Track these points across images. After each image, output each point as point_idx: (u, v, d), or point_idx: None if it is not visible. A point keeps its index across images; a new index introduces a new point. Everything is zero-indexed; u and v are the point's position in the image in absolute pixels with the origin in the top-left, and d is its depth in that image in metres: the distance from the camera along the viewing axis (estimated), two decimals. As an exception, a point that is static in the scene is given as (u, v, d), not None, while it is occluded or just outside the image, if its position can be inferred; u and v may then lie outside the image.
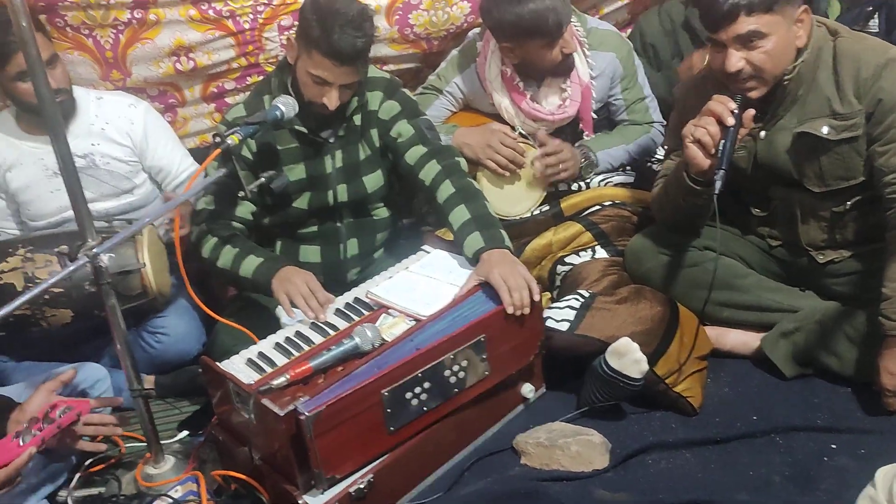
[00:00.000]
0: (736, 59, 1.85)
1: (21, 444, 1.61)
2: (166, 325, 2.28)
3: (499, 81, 2.44)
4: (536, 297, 1.90)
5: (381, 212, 2.35)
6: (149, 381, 2.29)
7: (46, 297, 2.01)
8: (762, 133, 2.01)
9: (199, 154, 2.58)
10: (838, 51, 1.92)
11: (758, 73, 1.88)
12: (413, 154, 2.19)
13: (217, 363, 1.81)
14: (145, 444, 1.92)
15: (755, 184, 2.10)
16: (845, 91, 1.90)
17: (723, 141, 1.88)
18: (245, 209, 2.19)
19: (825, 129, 1.93)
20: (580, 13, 2.53)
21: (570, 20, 2.32)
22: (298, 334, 1.93)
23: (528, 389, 2.02)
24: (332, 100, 2.05)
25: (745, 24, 1.82)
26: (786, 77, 1.92)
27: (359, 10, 2.01)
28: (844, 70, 1.90)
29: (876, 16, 2.67)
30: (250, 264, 2.08)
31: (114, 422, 1.88)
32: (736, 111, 1.87)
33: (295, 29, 2.48)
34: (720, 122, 1.88)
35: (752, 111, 1.90)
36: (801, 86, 1.95)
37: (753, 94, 1.90)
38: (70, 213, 2.26)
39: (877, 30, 2.67)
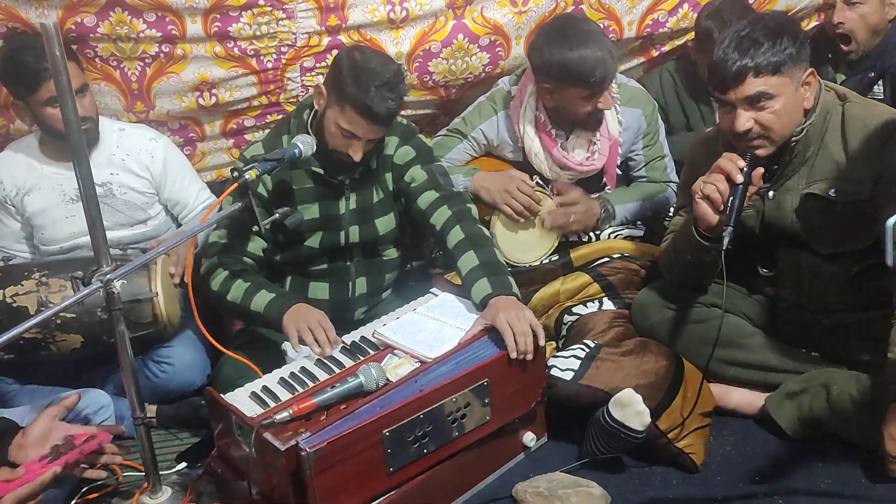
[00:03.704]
0: (745, 120, 1.89)
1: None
2: (172, 354, 2.29)
3: (533, 127, 2.48)
4: (542, 343, 1.91)
5: (391, 253, 2.37)
6: (151, 410, 2.28)
7: (58, 321, 2.03)
8: (770, 193, 2.04)
9: (214, 188, 2.63)
10: (847, 115, 1.95)
11: (766, 133, 1.91)
12: (425, 199, 2.21)
13: (221, 395, 1.81)
14: (143, 473, 1.91)
15: (762, 243, 2.11)
16: (853, 155, 1.93)
17: (731, 198, 1.90)
18: (257, 245, 2.21)
19: (832, 192, 1.95)
20: None
21: (615, 77, 2.35)
22: (303, 370, 1.94)
23: (529, 438, 2.01)
24: (357, 152, 2.09)
25: (753, 85, 1.86)
26: (794, 138, 1.95)
27: (395, 71, 2.05)
28: (853, 134, 1.93)
29: (880, 83, 2.72)
30: (262, 299, 2.09)
31: (114, 450, 1.88)
32: (745, 169, 1.90)
33: (318, 71, 2.57)
34: (729, 180, 1.90)
35: (760, 169, 1.92)
36: (810, 147, 1.97)
37: (761, 153, 1.93)
38: (82, 239, 2.32)
39: (882, 97, 2.71)
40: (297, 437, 1.64)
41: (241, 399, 1.84)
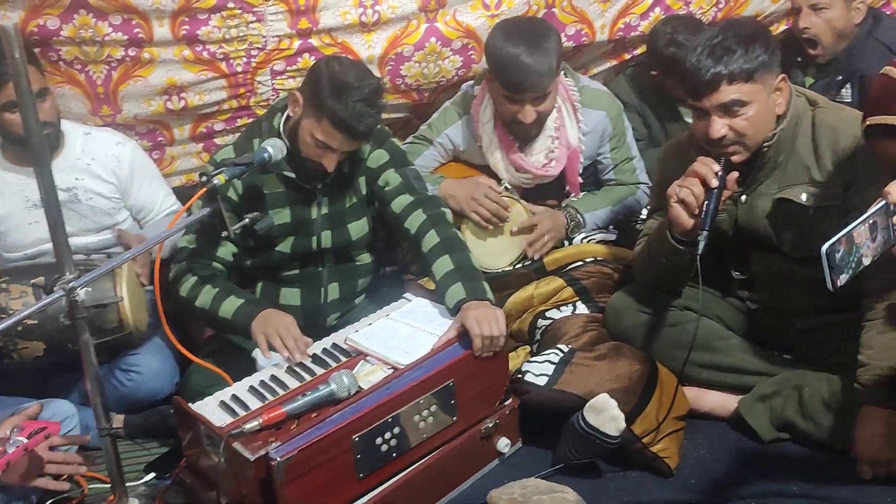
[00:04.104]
0: (719, 126, 1.89)
1: None
2: (139, 362, 2.24)
3: (491, 125, 2.47)
4: (500, 343, 1.91)
5: (364, 258, 2.35)
6: (118, 419, 2.23)
7: (20, 328, 1.98)
8: (743, 197, 2.04)
9: (184, 193, 2.58)
10: (817, 120, 1.97)
11: (740, 140, 1.91)
12: (399, 203, 2.20)
13: (189, 404, 1.78)
14: (109, 485, 1.87)
15: (736, 247, 2.12)
16: (824, 160, 1.94)
17: (706, 202, 1.91)
18: (227, 250, 2.18)
19: (804, 197, 1.96)
20: (573, 72, 2.59)
21: (543, 91, 2.33)
22: (274, 378, 1.91)
23: (503, 444, 2.00)
24: (331, 163, 2.07)
25: (727, 92, 1.86)
26: (766, 144, 1.96)
27: (373, 86, 2.02)
28: (823, 139, 1.95)
29: (847, 86, 2.75)
30: (231, 305, 2.06)
31: (79, 460, 1.83)
32: (720, 173, 1.90)
33: (289, 74, 2.54)
34: (704, 184, 1.91)
35: (735, 174, 1.93)
36: (781, 153, 1.99)
37: (736, 159, 1.94)
38: (47, 246, 2.26)
39: (850, 100, 2.74)
40: (267, 447, 1.61)
41: (209, 408, 1.80)
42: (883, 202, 1.49)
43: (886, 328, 1.87)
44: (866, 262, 1.48)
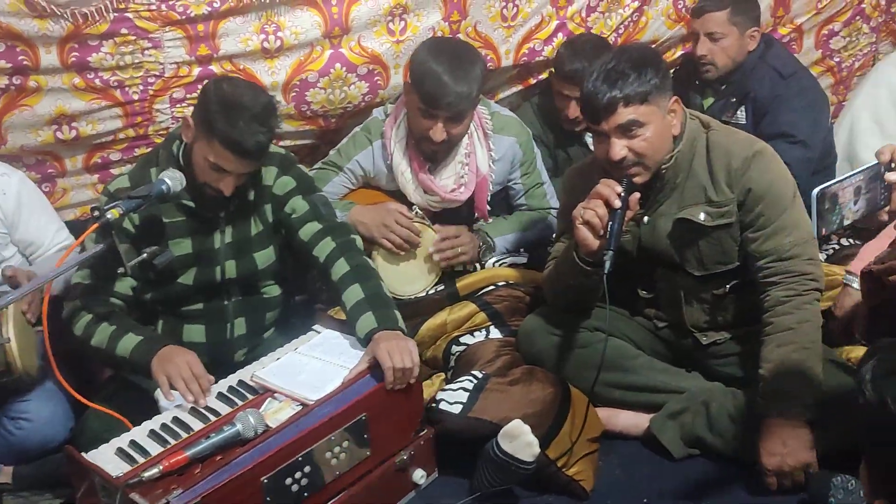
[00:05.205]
0: (619, 148, 1.93)
1: None
2: (29, 409, 2.11)
3: (402, 144, 2.45)
4: (415, 373, 1.88)
5: (272, 290, 2.28)
6: (7, 472, 2.10)
7: None
8: (645, 218, 2.09)
9: (79, 227, 2.45)
10: (711, 142, 2.04)
11: (640, 160, 1.96)
12: (307, 230, 2.15)
13: (83, 453, 1.68)
14: (-4, 544, 1.75)
15: (640, 266, 2.16)
16: (718, 180, 2.01)
17: (610, 223, 1.93)
18: (125, 284, 2.08)
19: (702, 216, 2.02)
20: (485, 98, 2.60)
21: (459, 115, 2.33)
22: (176, 420, 1.82)
23: (419, 475, 1.96)
24: (228, 186, 2.00)
25: (624, 114, 1.91)
26: (664, 165, 2.01)
27: (264, 104, 1.97)
28: (717, 161, 2.01)
29: (742, 108, 2.87)
30: (128, 343, 1.96)
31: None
32: (622, 194, 1.94)
33: (189, 102, 2.47)
34: (608, 205, 1.94)
35: (637, 194, 1.97)
36: (679, 174, 2.04)
37: (637, 180, 1.98)
38: (-72, 286, 2.12)
39: (745, 121, 2.86)
40: (168, 495, 1.53)
41: (105, 456, 1.70)
42: (874, 163, 1.52)
43: (784, 342, 1.93)
44: (846, 223, 1.53)
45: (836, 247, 2.78)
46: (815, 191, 1.45)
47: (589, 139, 2.77)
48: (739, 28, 2.80)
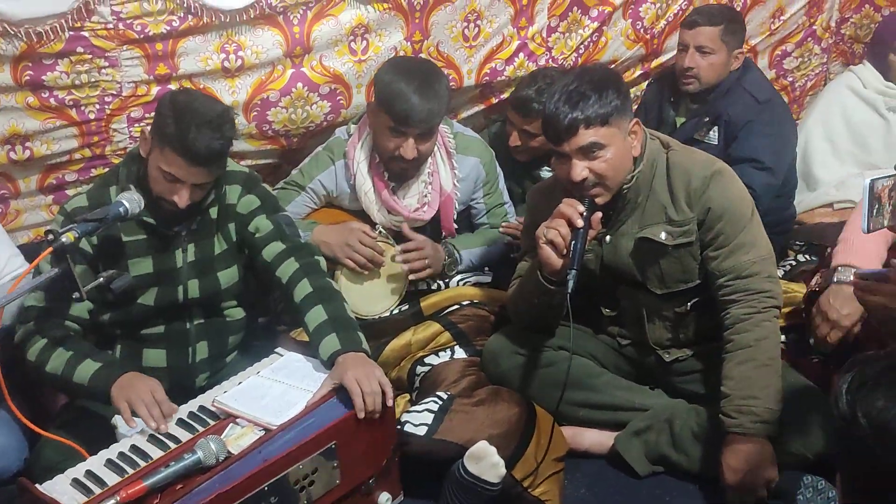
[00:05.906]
0: (580, 169, 1.95)
1: None
2: (-20, 440, 2.04)
3: (366, 165, 2.44)
4: (389, 403, 1.85)
5: (235, 312, 2.24)
6: (-43, 505, 2.03)
7: None
8: (607, 237, 2.11)
9: (32, 249, 2.38)
10: (671, 162, 2.06)
11: (601, 181, 1.98)
12: (271, 250, 2.12)
13: (37, 485, 1.62)
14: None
15: (603, 285, 2.18)
16: (678, 200, 2.04)
17: (573, 242, 1.95)
18: (81, 307, 2.02)
19: (663, 235, 2.04)
20: (447, 118, 2.61)
21: (428, 131, 2.34)
22: (134, 448, 1.77)
23: (384, 498, 1.94)
24: (182, 198, 1.96)
25: (585, 136, 1.93)
26: (626, 185, 2.04)
27: (220, 111, 1.95)
28: (676, 180, 2.04)
29: (715, 129, 2.91)
30: (87, 369, 1.91)
31: None
32: (584, 213, 1.95)
33: (147, 122, 2.43)
34: (570, 224, 1.95)
35: (599, 213, 1.99)
36: (640, 193, 2.06)
37: (599, 200, 2.00)
38: None
39: (716, 142, 2.89)
40: (126, 527, 1.49)
41: (61, 487, 1.65)
42: None
43: (744, 359, 1.96)
44: (885, 223, 1.50)
45: (794, 262, 2.84)
46: (868, 180, 1.40)
47: (543, 173, 2.78)
48: (728, 47, 2.84)
